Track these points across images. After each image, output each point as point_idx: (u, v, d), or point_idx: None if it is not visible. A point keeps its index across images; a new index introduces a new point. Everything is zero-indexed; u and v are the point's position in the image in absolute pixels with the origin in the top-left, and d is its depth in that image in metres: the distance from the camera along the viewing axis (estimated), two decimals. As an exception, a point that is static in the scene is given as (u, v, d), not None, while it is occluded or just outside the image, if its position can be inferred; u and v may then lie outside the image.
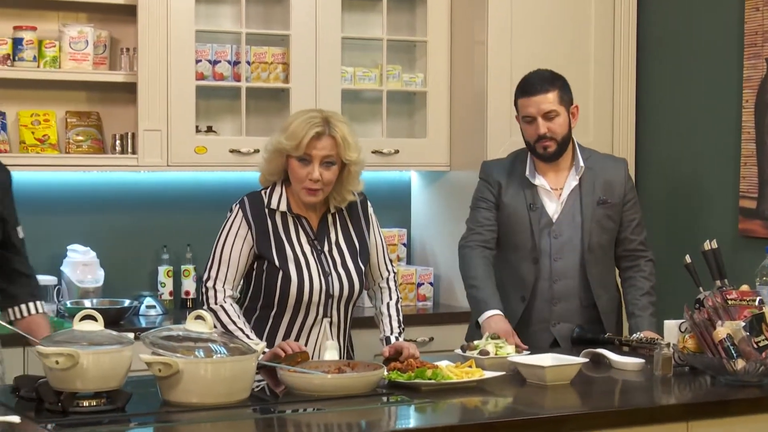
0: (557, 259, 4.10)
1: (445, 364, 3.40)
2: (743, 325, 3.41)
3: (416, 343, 4.30)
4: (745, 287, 3.58)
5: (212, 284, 3.65)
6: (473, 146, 5.07)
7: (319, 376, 3.18)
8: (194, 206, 5.07)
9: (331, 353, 3.53)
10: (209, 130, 4.98)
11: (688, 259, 3.77)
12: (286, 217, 3.70)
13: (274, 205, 3.69)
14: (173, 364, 2.97)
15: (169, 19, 4.76)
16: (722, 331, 3.41)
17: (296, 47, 4.98)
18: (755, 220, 4.72)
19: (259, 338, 3.56)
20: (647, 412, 3.16)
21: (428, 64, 5.24)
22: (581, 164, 4.12)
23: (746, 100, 4.76)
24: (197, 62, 4.88)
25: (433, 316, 5.10)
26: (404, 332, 3.78)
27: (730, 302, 3.49)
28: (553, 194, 4.13)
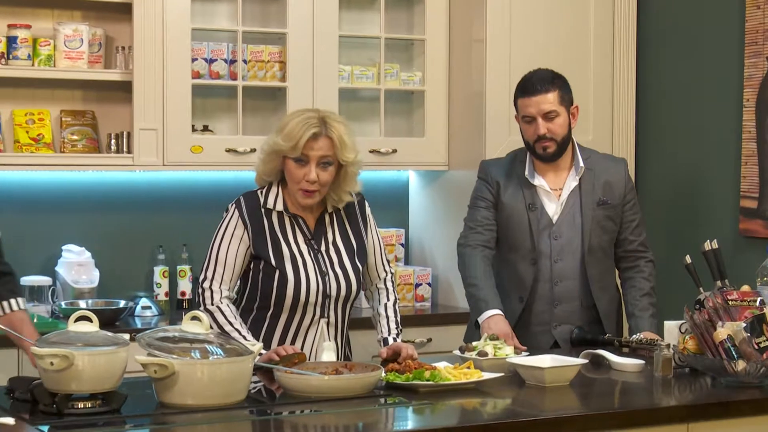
0: (557, 260, 4.08)
1: (443, 365, 3.38)
2: (744, 325, 3.40)
3: (414, 344, 4.29)
4: (745, 288, 3.57)
5: (208, 285, 3.63)
6: (472, 145, 5.05)
7: (316, 377, 3.16)
8: (190, 206, 5.05)
9: (328, 354, 3.51)
10: (205, 129, 4.96)
11: (688, 259, 3.76)
12: (282, 216, 3.67)
13: (270, 204, 3.66)
14: (169, 365, 2.95)
15: (164, 17, 4.74)
16: (723, 331, 3.39)
17: (293, 45, 4.96)
18: (756, 220, 4.70)
19: (255, 339, 3.55)
20: (647, 413, 3.15)
21: (426, 62, 5.22)
22: (581, 165, 4.10)
23: (747, 99, 4.75)
24: (193, 61, 4.86)
25: (431, 316, 5.08)
26: (402, 333, 3.76)
27: (730, 303, 3.48)
28: (552, 195, 4.11)
